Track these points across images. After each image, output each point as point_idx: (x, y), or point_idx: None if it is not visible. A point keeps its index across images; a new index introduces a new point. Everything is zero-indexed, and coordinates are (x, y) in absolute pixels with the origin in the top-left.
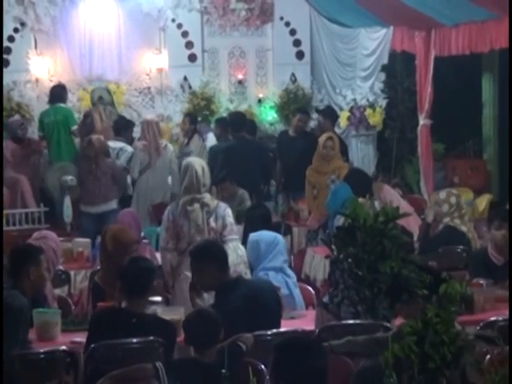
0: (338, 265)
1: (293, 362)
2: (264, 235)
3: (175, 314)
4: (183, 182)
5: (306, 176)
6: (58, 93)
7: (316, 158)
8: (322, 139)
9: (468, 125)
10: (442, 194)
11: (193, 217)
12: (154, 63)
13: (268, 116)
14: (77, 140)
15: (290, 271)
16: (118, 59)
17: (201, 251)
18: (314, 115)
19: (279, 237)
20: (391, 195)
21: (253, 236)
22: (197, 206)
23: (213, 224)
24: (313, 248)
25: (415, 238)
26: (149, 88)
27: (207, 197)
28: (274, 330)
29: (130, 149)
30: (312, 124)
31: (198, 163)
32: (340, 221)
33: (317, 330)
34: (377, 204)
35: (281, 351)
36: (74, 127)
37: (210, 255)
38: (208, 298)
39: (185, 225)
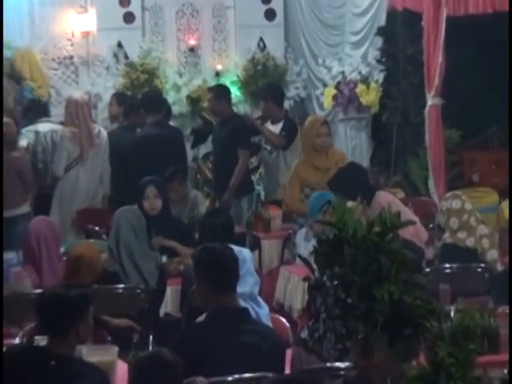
0: (320, 289)
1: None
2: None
3: (105, 355)
4: None
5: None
6: None
7: (307, 149)
8: (312, 125)
9: (491, 106)
10: (445, 198)
11: None
12: (77, 25)
13: None
14: None
15: (261, 300)
16: (30, 20)
17: (199, 257)
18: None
19: (246, 252)
20: (387, 201)
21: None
22: None
23: None
24: (287, 267)
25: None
26: (71, 57)
27: None
28: (236, 376)
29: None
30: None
31: None
32: (302, 232)
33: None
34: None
35: (137, 369)
36: None
37: (207, 263)
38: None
39: None
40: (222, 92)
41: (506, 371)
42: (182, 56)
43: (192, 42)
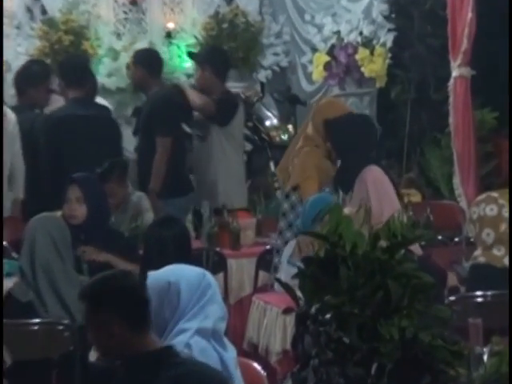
0: (307, 325)
1: None
2: (183, 272)
3: None
4: None
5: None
6: None
7: (321, 139)
8: (337, 110)
9: None
10: (476, 202)
11: None
12: None
13: (184, 62)
14: None
15: (227, 340)
16: None
17: (93, 292)
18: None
19: (209, 276)
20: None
21: (163, 274)
22: None
23: None
24: (263, 296)
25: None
26: None
27: None
28: None
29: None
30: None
31: None
32: (289, 249)
33: None
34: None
35: None
36: None
37: (108, 299)
38: None
39: None
40: (141, 57)
41: None
42: (120, 10)
43: None
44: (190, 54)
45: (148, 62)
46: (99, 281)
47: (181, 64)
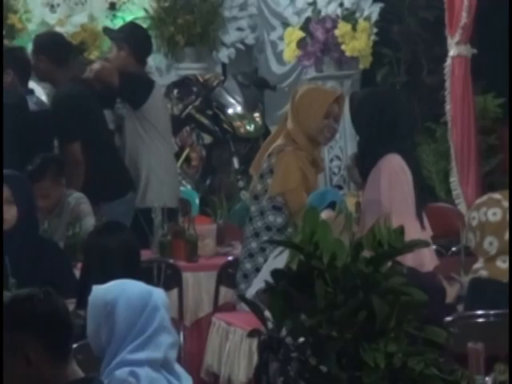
0: (276, 350)
1: None
2: (124, 290)
3: None
4: None
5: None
6: None
7: (301, 136)
8: (319, 99)
9: None
10: (476, 206)
11: None
12: None
13: None
14: None
15: (180, 368)
16: None
17: (9, 312)
18: None
19: (157, 295)
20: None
21: (102, 290)
22: None
23: None
24: (225, 316)
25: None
26: None
27: None
28: None
29: None
30: None
31: None
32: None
33: None
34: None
35: None
36: None
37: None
38: None
39: None
40: (40, 43)
41: None
42: None
43: None
44: (106, 30)
45: (44, 48)
46: (18, 299)
47: None
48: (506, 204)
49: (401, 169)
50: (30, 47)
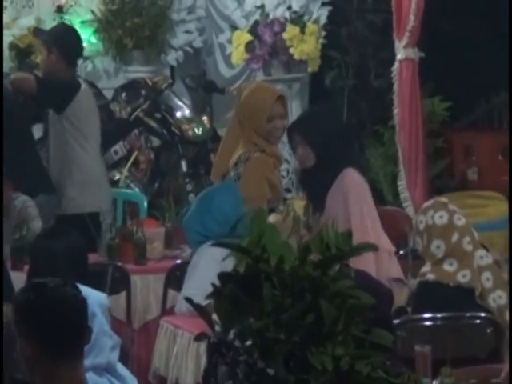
0: (224, 354)
1: None
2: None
3: None
4: None
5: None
6: None
7: (252, 136)
8: (261, 101)
9: (496, 63)
10: (423, 209)
11: None
12: None
13: None
14: None
15: (125, 370)
16: None
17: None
18: None
19: (97, 297)
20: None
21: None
22: None
23: None
24: (172, 319)
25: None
26: None
27: None
28: None
29: None
30: None
31: None
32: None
33: None
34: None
35: None
36: None
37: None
38: None
39: None
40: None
41: None
42: None
43: None
44: (36, 32)
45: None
46: (30, 288)
47: None
48: (451, 207)
49: (362, 182)
50: None
